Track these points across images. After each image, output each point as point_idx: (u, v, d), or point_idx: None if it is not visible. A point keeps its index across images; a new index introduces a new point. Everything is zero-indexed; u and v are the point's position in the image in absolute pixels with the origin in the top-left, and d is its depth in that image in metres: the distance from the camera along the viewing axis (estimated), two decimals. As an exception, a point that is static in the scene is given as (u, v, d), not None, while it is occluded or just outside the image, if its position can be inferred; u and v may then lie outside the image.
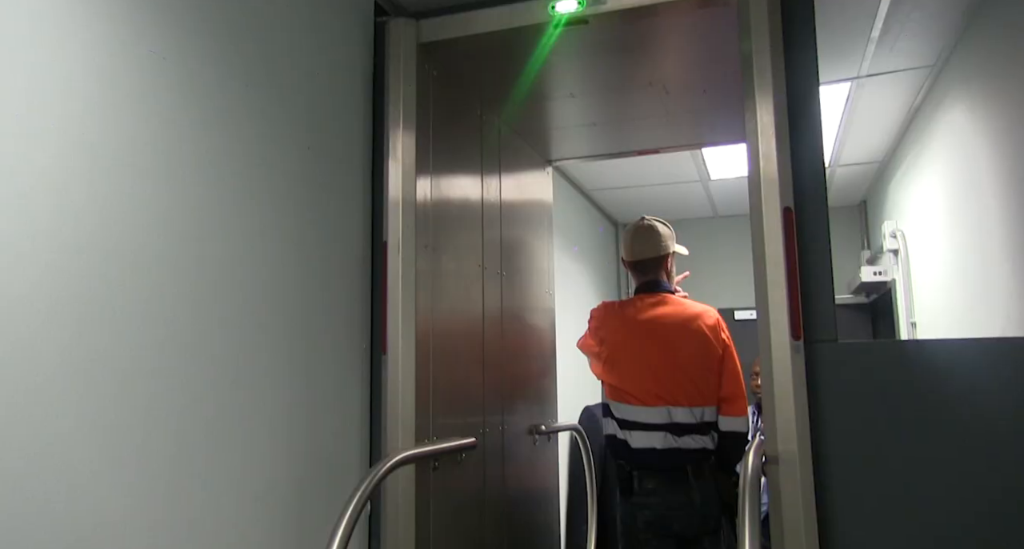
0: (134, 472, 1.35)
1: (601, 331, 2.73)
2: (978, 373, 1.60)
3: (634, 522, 2.58)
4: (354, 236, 2.08)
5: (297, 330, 1.82)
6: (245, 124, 1.68)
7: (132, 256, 1.37)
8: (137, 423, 1.37)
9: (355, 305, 2.06)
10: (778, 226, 1.72)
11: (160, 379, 1.42)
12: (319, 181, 1.94)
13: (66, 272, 1.25)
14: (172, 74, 1.49)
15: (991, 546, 1.54)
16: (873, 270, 4.33)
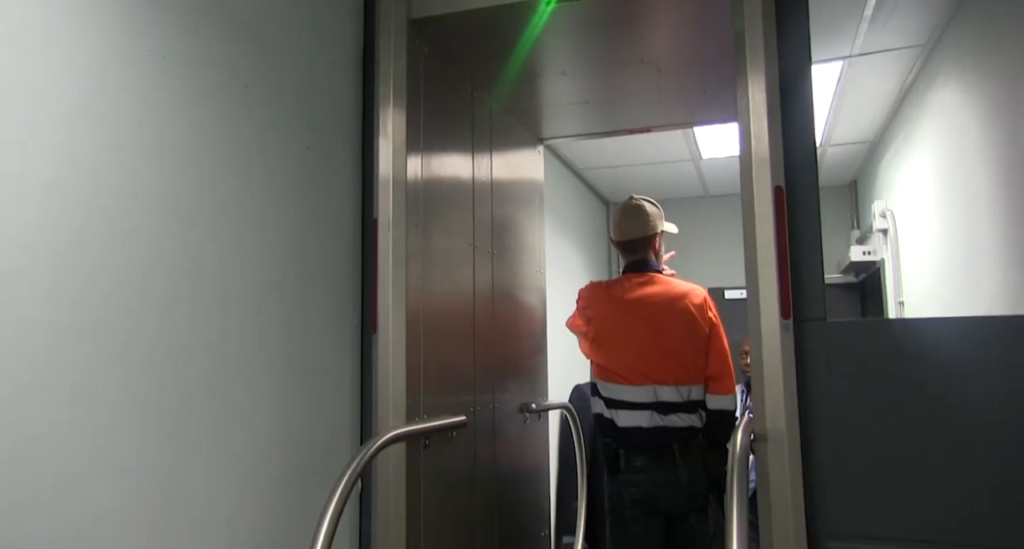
0: (125, 453, 1.35)
1: (589, 311, 2.74)
2: (964, 351, 1.61)
3: (621, 500, 2.60)
4: (344, 214, 2.07)
5: (287, 308, 1.81)
6: (234, 102, 1.66)
7: (123, 234, 1.36)
8: (128, 404, 1.36)
9: (345, 283, 2.05)
10: (769, 205, 1.72)
11: (149, 358, 1.42)
12: (309, 159, 1.93)
13: (65, 255, 1.24)
14: (158, 43, 1.47)
15: (975, 521, 1.56)
16: (862, 250, 4.35)
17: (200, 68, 1.57)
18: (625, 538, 2.60)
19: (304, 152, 1.91)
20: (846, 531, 1.65)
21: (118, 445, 1.35)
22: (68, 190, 1.27)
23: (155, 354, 1.43)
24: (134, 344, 1.38)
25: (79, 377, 1.27)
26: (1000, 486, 1.56)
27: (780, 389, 1.66)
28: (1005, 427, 1.56)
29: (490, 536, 2.40)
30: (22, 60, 1.21)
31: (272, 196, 1.77)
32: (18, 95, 1.20)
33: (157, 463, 1.42)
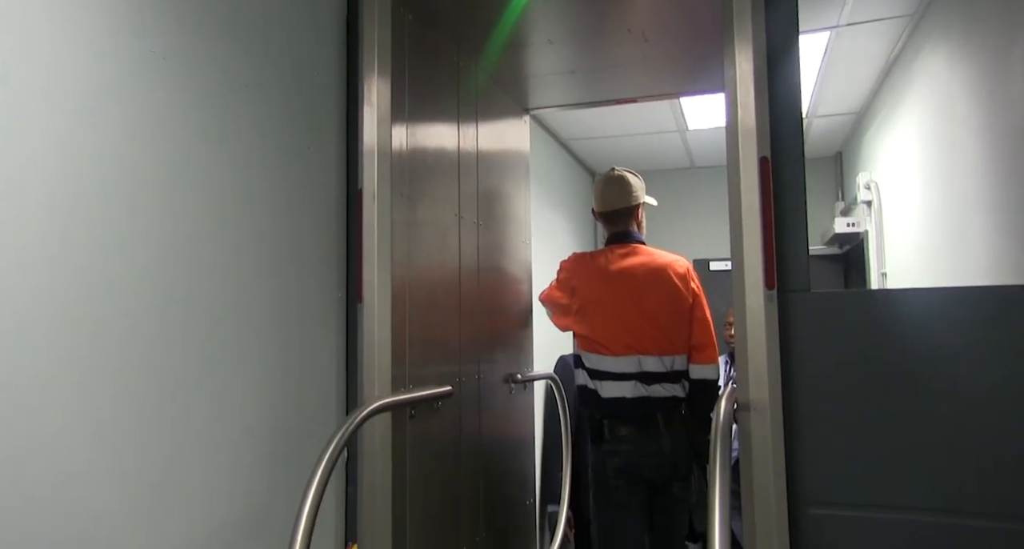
0: (108, 422, 1.35)
1: (572, 281, 2.74)
2: (947, 321, 1.63)
3: (605, 469, 2.63)
4: (328, 184, 2.05)
5: (272, 279, 1.80)
6: (214, 70, 1.64)
7: (114, 212, 1.35)
8: (110, 372, 1.36)
9: (330, 254, 2.04)
10: (754, 176, 1.72)
11: (133, 327, 1.41)
12: (292, 128, 1.90)
13: (60, 236, 1.22)
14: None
15: (955, 488, 1.59)
16: (846, 221, 4.37)
17: (186, 55, 1.54)
18: (609, 507, 2.64)
19: (287, 122, 1.88)
20: (827, 498, 1.67)
21: (102, 419, 1.34)
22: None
23: (138, 324, 1.42)
24: (117, 317, 1.37)
25: (70, 350, 1.27)
26: (980, 454, 1.58)
27: (763, 359, 1.68)
28: (986, 396, 1.59)
29: (475, 505, 2.43)
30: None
31: (255, 167, 1.75)
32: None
33: (143, 432, 1.42)
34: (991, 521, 1.56)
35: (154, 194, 1.47)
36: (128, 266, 1.40)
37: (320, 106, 2.03)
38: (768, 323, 1.69)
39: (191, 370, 1.55)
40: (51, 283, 1.25)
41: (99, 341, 1.34)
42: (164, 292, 1.49)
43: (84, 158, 1.31)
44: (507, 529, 2.71)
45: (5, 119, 1.17)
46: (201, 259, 1.58)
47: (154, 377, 1.45)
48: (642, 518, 2.66)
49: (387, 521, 1.87)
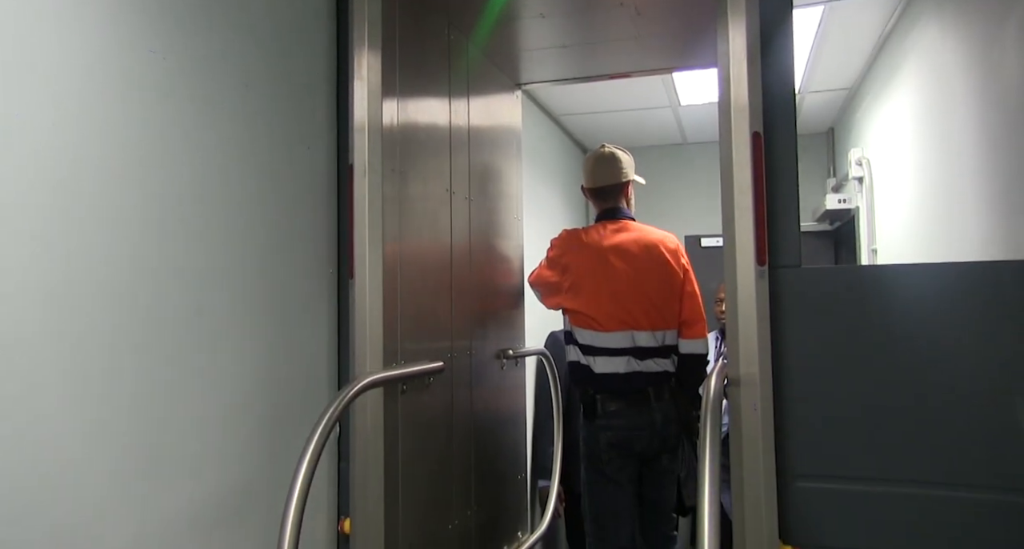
0: (99, 398, 1.35)
1: (564, 258, 2.74)
2: (937, 297, 1.64)
3: (597, 443, 2.65)
4: (319, 159, 2.04)
5: (263, 255, 1.80)
6: (204, 44, 1.61)
7: (110, 189, 1.33)
8: (102, 349, 1.35)
9: (321, 229, 2.03)
10: (747, 151, 1.72)
11: (124, 305, 1.40)
12: (283, 102, 1.88)
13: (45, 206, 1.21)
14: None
15: (943, 461, 1.61)
16: (838, 198, 4.38)
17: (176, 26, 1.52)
18: (601, 480, 2.66)
19: (276, 97, 1.86)
20: (815, 472, 1.69)
21: (97, 395, 1.34)
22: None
23: (131, 300, 1.41)
24: (108, 293, 1.37)
25: (63, 325, 1.26)
26: (966, 427, 1.60)
27: (754, 334, 1.69)
28: (974, 371, 1.60)
29: (467, 480, 2.44)
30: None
31: (244, 144, 1.74)
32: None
33: (134, 408, 1.42)
34: (977, 492, 1.58)
35: (144, 172, 1.45)
36: (119, 244, 1.39)
37: (310, 80, 2.01)
38: (759, 299, 1.69)
39: (182, 346, 1.54)
40: (45, 261, 1.24)
41: (90, 318, 1.33)
42: (154, 268, 1.48)
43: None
44: (499, 504, 2.73)
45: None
46: (191, 236, 1.57)
47: (145, 353, 1.45)
48: (632, 491, 2.70)
49: (379, 496, 1.88)
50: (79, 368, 1.31)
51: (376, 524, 1.87)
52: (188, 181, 1.57)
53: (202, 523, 1.59)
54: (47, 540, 1.24)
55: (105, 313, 1.36)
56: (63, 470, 1.28)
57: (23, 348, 1.21)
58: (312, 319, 1.99)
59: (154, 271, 1.47)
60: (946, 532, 1.60)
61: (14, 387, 1.20)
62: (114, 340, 1.38)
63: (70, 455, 1.29)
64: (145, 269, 1.45)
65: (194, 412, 1.57)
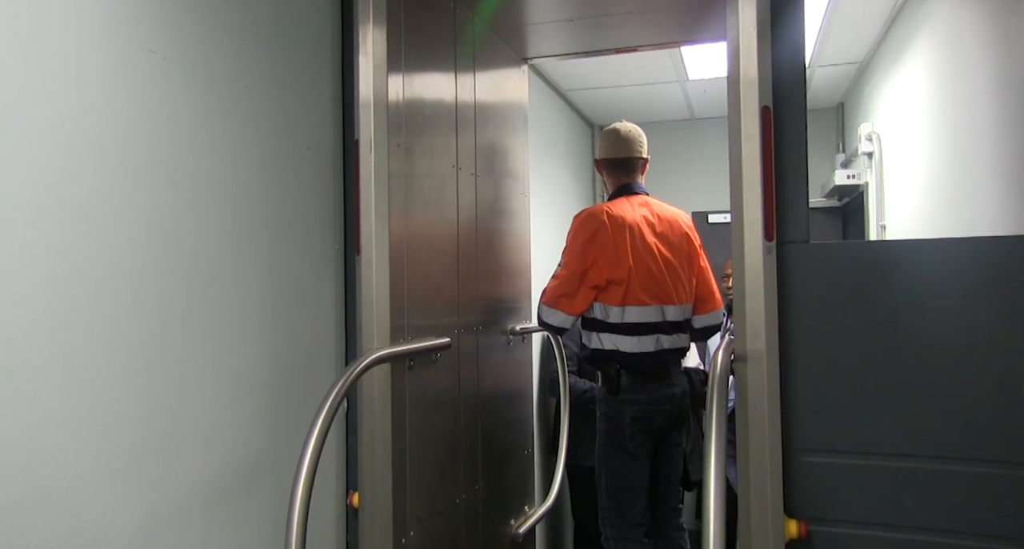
0: (108, 375, 1.36)
1: (599, 237, 2.65)
2: (946, 272, 1.63)
3: (622, 417, 2.66)
4: (324, 135, 2.03)
5: (269, 231, 1.80)
6: (208, 19, 1.60)
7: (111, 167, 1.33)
8: (110, 324, 1.36)
9: (327, 206, 2.03)
10: (755, 126, 1.70)
11: (132, 283, 1.41)
12: (287, 77, 1.87)
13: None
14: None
15: (949, 436, 1.61)
16: (847, 173, 4.34)
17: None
18: (623, 456, 2.67)
19: (282, 72, 1.85)
20: (819, 446, 1.70)
21: (106, 372, 1.35)
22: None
23: (137, 279, 1.42)
24: (118, 271, 1.37)
25: (71, 302, 1.27)
26: (972, 402, 1.60)
27: (761, 310, 1.68)
28: (982, 346, 1.60)
29: (474, 454, 2.46)
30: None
31: (249, 119, 1.73)
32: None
33: (144, 386, 1.43)
34: (983, 466, 1.59)
35: (149, 151, 1.45)
36: (126, 222, 1.39)
37: (315, 56, 1.99)
38: (767, 274, 1.69)
39: (190, 322, 1.55)
40: (52, 238, 1.25)
41: (98, 293, 1.34)
42: (162, 245, 1.48)
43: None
44: (505, 478, 2.75)
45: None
46: (199, 212, 1.57)
47: (153, 329, 1.46)
48: (648, 466, 2.74)
49: (387, 470, 1.89)
50: (87, 345, 1.32)
51: (384, 498, 1.89)
52: (196, 157, 1.56)
53: (213, 497, 1.61)
54: (60, 516, 1.26)
55: (113, 292, 1.37)
56: (74, 447, 1.29)
57: (29, 324, 1.22)
58: (319, 295, 2.00)
59: (161, 248, 1.48)
60: (951, 505, 1.60)
61: (21, 362, 1.20)
62: (122, 318, 1.39)
63: (80, 432, 1.30)
64: (152, 245, 1.46)
65: (203, 387, 1.59)
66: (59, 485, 1.26)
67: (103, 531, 1.34)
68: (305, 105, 1.95)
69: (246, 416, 1.72)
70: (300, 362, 1.91)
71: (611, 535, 2.69)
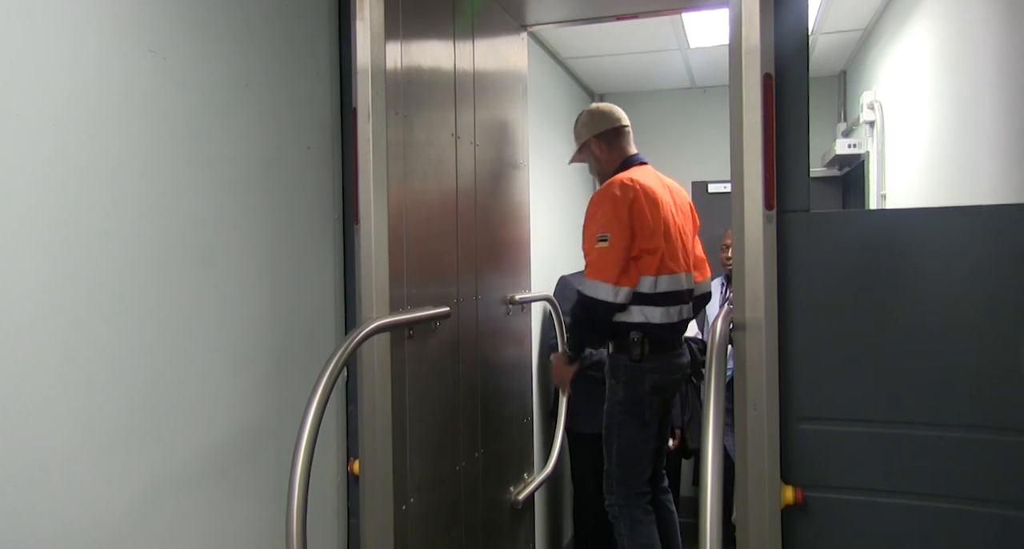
0: (107, 345, 1.36)
1: (636, 207, 2.60)
2: (946, 241, 1.63)
3: (643, 385, 2.68)
4: (322, 103, 2.01)
5: (268, 202, 1.79)
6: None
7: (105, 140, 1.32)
8: (110, 298, 1.36)
9: (325, 175, 2.02)
10: (757, 93, 1.69)
11: (133, 254, 1.40)
12: (284, 44, 1.85)
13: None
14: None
15: (948, 403, 1.62)
16: (848, 142, 4.32)
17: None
18: (639, 424, 2.70)
19: (277, 39, 1.83)
20: (817, 414, 1.71)
21: (106, 345, 1.35)
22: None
23: (135, 248, 1.42)
24: (118, 245, 1.37)
25: (73, 272, 1.26)
26: (971, 370, 1.61)
27: (760, 279, 1.68)
28: (982, 315, 1.60)
29: (474, 422, 2.48)
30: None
31: (243, 87, 1.71)
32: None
33: (146, 358, 1.44)
34: (978, 432, 1.60)
35: (150, 121, 1.44)
36: (127, 194, 1.39)
37: (310, 23, 1.97)
38: (766, 243, 1.69)
39: (190, 294, 1.55)
40: (55, 213, 1.24)
41: (98, 267, 1.33)
42: (162, 215, 1.47)
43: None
44: (505, 446, 2.77)
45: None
46: (198, 183, 1.57)
47: (153, 298, 1.46)
48: (659, 434, 2.80)
49: (387, 438, 1.91)
50: (87, 319, 1.32)
51: (384, 465, 1.91)
52: (190, 127, 1.55)
53: (215, 466, 1.62)
54: (64, 487, 1.27)
55: (113, 266, 1.37)
56: (74, 420, 1.29)
57: (29, 298, 1.22)
58: (318, 265, 2.00)
59: (161, 221, 1.47)
60: (946, 470, 1.62)
61: (24, 333, 1.21)
62: (122, 292, 1.39)
63: (82, 404, 1.31)
64: (155, 210, 1.45)
65: (204, 358, 1.59)
66: (59, 457, 1.27)
67: (105, 502, 1.35)
68: (302, 74, 1.93)
69: (247, 386, 1.73)
70: (300, 332, 1.92)
71: (615, 502, 2.73)
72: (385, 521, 1.90)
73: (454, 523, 2.31)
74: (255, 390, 1.75)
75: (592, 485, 3.45)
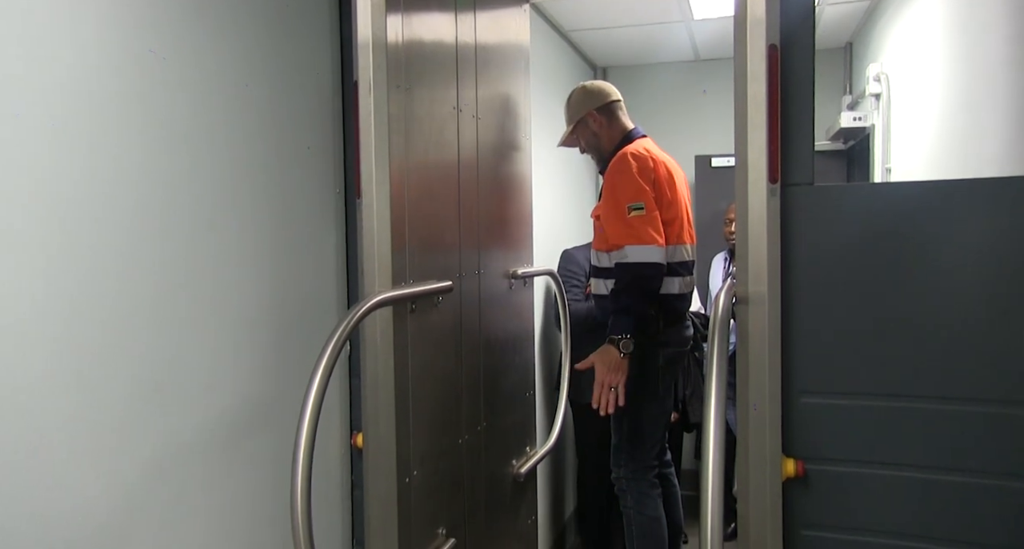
0: (111, 316, 1.36)
1: (656, 176, 2.63)
2: (952, 214, 1.62)
3: (657, 360, 2.71)
4: (322, 75, 2.00)
5: (270, 176, 1.78)
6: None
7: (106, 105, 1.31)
8: (113, 272, 1.36)
9: (327, 149, 2.01)
10: (762, 65, 1.67)
11: (136, 225, 1.40)
12: (282, 13, 1.83)
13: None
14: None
15: (951, 376, 1.62)
16: (853, 115, 4.28)
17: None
18: (652, 398, 2.72)
19: (277, 11, 1.81)
20: (819, 388, 1.71)
21: (110, 318, 1.35)
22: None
23: (136, 222, 1.41)
24: (119, 220, 1.36)
25: (75, 241, 1.26)
26: (976, 344, 1.60)
27: (764, 253, 1.68)
28: (987, 289, 1.59)
29: (476, 396, 2.49)
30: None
31: (242, 60, 1.70)
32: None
33: (147, 325, 1.44)
34: (981, 406, 1.60)
35: (150, 97, 1.43)
36: (128, 166, 1.38)
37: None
38: (770, 217, 1.68)
39: (192, 265, 1.55)
40: (57, 185, 1.24)
41: (99, 242, 1.33)
42: (163, 192, 1.47)
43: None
44: (507, 420, 2.79)
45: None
46: (200, 155, 1.56)
47: (156, 271, 1.46)
48: (668, 409, 2.84)
49: (390, 411, 1.92)
50: (90, 291, 1.32)
51: (388, 438, 1.92)
52: (192, 98, 1.54)
53: (219, 439, 1.63)
54: (68, 460, 1.28)
55: (115, 240, 1.36)
56: (78, 391, 1.30)
57: (34, 266, 1.22)
58: (320, 239, 1.99)
59: (162, 195, 1.47)
60: (949, 445, 1.62)
61: (25, 306, 1.21)
62: (126, 260, 1.39)
63: (84, 378, 1.31)
64: (157, 182, 1.45)
65: (207, 331, 1.59)
66: (62, 427, 1.27)
67: (110, 475, 1.36)
68: (304, 46, 1.91)
69: (250, 360, 1.73)
70: (303, 306, 1.92)
71: (623, 475, 2.75)
72: (388, 493, 1.92)
73: (457, 495, 2.33)
74: (258, 365, 1.76)
75: (596, 457, 3.47)
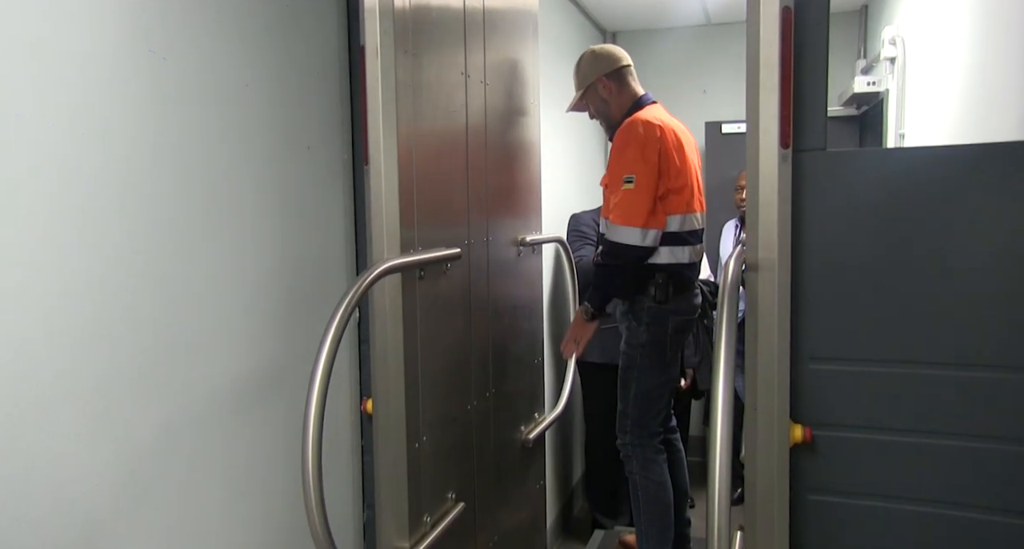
0: (122, 283, 1.37)
1: (663, 146, 2.58)
2: (965, 179, 1.60)
3: (665, 327, 2.69)
4: (328, 40, 1.97)
5: (277, 143, 1.78)
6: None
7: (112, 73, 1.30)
8: (124, 239, 1.36)
9: (335, 115, 2.00)
10: (775, 27, 1.64)
11: (143, 192, 1.40)
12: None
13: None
14: None
15: (962, 343, 1.62)
16: (867, 80, 4.21)
17: None
18: (660, 365, 2.72)
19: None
20: (827, 354, 1.71)
21: (122, 283, 1.36)
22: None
23: (151, 191, 1.41)
24: (131, 188, 1.36)
25: (82, 213, 1.26)
26: (986, 312, 1.60)
27: (774, 219, 1.67)
28: (1000, 255, 1.58)
29: (485, 362, 2.50)
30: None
31: (248, 27, 1.68)
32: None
33: (158, 291, 1.44)
34: (991, 372, 1.60)
35: (160, 71, 1.42)
36: (136, 137, 1.38)
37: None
38: (781, 182, 1.66)
39: (203, 234, 1.55)
40: (62, 163, 1.23)
41: (111, 210, 1.33)
42: (171, 155, 1.47)
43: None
44: (516, 386, 2.80)
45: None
46: (208, 125, 1.55)
47: (167, 241, 1.46)
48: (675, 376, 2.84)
49: (400, 378, 1.93)
50: (101, 257, 1.32)
51: (397, 405, 1.93)
52: (200, 66, 1.53)
53: (230, 404, 1.65)
54: (82, 426, 1.29)
55: (126, 209, 1.36)
56: (88, 361, 1.31)
57: (42, 239, 1.22)
58: (328, 206, 1.99)
59: (172, 156, 1.46)
60: (957, 410, 1.63)
61: (33, 274, 1.21)
62: (136, 232, 1.39)
63: (94, 349, 1.32)
64: (163, 150, 1.44)
65: (218, 298, 1.60)
66: (75, 398, 1.29)
67: (122, 442, 1.38)
68: (311, 11, 1.89)
69: (261, 327, 1.74)
70: (313, 272, 1.92)
71: (629, 442, 2.76)
72: (398, 458, 1.94)
73: (466, 461, 2.35)
74: (269, 332, 1.76)
75: (603, 422, 3.50)
